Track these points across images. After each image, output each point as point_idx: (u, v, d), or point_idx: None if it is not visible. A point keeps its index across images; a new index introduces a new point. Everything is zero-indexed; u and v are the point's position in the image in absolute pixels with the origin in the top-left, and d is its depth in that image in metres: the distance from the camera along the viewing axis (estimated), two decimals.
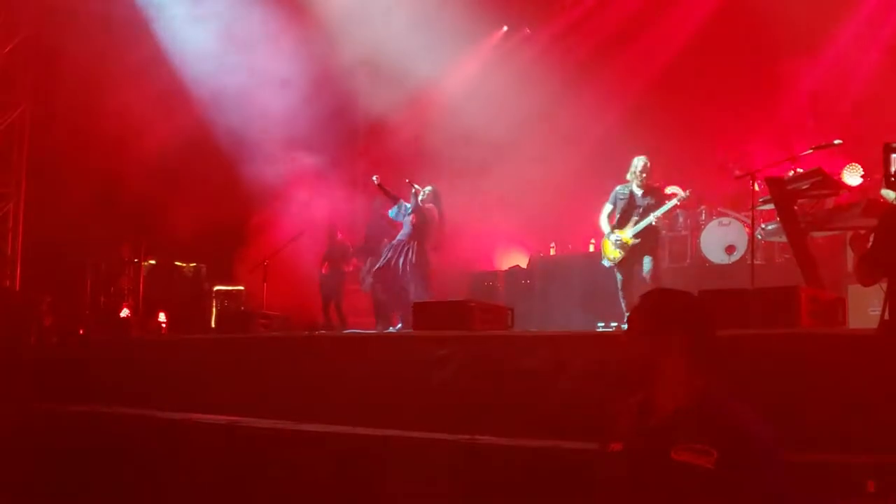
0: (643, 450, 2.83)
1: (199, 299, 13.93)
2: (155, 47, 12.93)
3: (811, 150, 8.80)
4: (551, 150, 13.34)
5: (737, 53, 12.66)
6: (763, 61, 12.57)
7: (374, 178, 11.39)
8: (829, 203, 8.71)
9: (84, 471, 7.13)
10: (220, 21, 13.02)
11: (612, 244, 9.67)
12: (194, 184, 12.77)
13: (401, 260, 10.81)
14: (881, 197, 7.79)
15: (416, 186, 10.92)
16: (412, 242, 10.84)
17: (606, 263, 9.82)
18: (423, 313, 7.87)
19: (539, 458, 5.12)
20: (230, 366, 7.99)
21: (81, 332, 11.57)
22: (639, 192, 9.69)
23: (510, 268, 14.03)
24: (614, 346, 3.05)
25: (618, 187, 9.86)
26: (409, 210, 10.94)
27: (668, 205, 9.86)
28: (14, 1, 13.15)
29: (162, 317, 12.99)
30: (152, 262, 13.66)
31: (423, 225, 10.89)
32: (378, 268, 11.06)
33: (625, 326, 3.01)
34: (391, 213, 11.23)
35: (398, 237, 11.03)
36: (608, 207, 9.89)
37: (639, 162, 9.74)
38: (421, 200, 10.90)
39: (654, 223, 9.64)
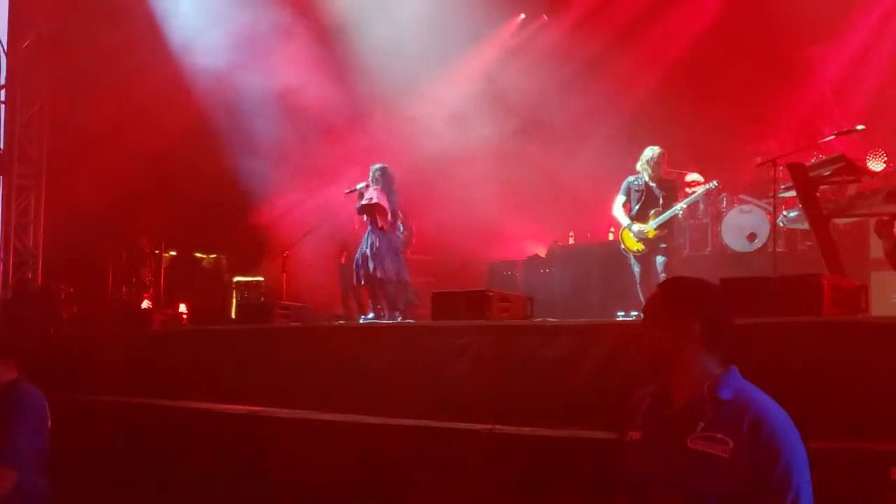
0: (660, 439, 2.82)
1: (219, 290, 13.99)
2: (167, 40, 12.95)
3: (833, 136, 8.71)
4: (569, 138, 13.27)
5: (758, 39, 12.52)
6: (785, 47, 12.43)
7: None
8: (852, 189, 8.61)
9: (105, 461, 7.18)
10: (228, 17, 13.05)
11: (635, 237, 9.61)
12: (213, 176, 12.80)
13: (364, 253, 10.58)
14: None
15: (361, 185, 10.52)
16: (368, 234, 10.61)
17: (625, 252, 9.79)
18: (442, 303, 7.84)
19: (558, 448, 5.11)
20: (251, 356, 8.02)
21: (103, 323, 11.63)
22: (653, 184, 9.62)
23: (529, 257, 13.99)
24: (633, 336, 3.03)
25: (630, 178, 9.77)
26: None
27: (699, 192, 9.85)
28: None
29: (183, 308, 13.04)
30: (173, 253, 13.71)
31: (368, 213, 10.56)
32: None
33: (643, 315, 2.99)
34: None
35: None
36: (621, 199, 9.78)
37: (651, 152, 9.64)
38: (365, 187, 10.54)
39: (678, 215, 9.62)
